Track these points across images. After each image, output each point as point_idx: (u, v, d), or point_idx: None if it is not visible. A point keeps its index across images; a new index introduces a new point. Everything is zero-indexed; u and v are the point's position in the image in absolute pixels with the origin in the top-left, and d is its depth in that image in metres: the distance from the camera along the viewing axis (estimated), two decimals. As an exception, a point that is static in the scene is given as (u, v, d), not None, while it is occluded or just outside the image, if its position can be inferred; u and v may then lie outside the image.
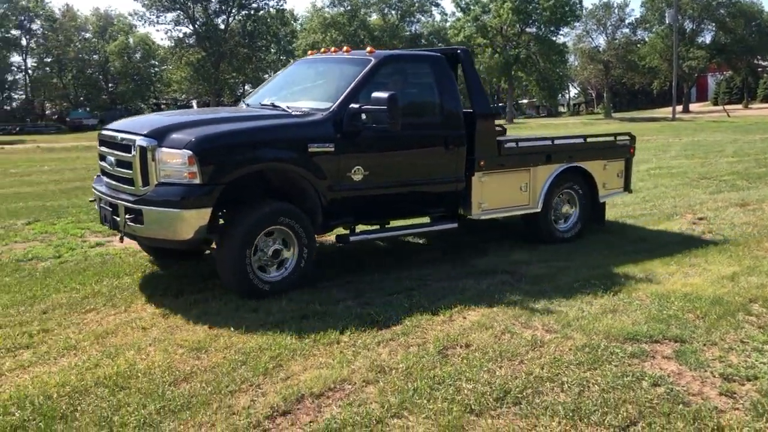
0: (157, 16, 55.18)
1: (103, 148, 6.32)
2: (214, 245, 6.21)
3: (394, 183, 6.57)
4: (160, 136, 5.64)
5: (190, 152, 5.40)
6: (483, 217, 7.20)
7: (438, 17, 76.10)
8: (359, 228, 6.86)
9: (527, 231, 7.84)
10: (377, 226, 6.92)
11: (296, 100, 6.80)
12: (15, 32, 62.99)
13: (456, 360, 4.43)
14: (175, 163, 5.47)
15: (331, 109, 6.17)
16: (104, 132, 6.42)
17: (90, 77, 71.36)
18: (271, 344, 4.68)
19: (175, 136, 5.61)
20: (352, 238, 6.51)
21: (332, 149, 6.04)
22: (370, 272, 6.56)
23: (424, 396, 3.90)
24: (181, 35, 56.26)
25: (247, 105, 7.35)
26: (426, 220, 7.43)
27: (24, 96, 70.51)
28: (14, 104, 70.79)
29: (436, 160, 6.79)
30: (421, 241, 8.13)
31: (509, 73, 55.28)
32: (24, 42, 65.79)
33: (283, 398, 3.88)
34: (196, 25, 53.66)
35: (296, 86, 7.52)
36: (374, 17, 66.06)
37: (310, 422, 3.65)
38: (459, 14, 57.66)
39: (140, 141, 5.68)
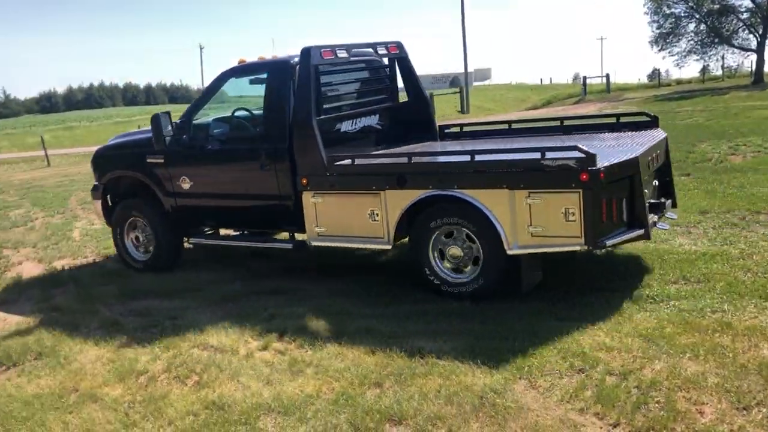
0: None
1: None
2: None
3: (217, 194, 6.89)
4: None
5: None
6: (324, 245, 6.20)
7: None
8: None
9: None
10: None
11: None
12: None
13: None
14: None
15: (175, 125, 6.84)
16: None
17: None
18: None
19: None
20: (190, 241, 7.37)
21: (165, 160, 6.99)
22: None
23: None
24: None
25: None
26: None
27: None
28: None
29: (254, 174, 6.47)
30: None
31: None
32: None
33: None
34: None
35: None
36: None
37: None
38: None
39: None
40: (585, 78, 42.94)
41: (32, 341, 5.52)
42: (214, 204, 6.97)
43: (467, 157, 5.47)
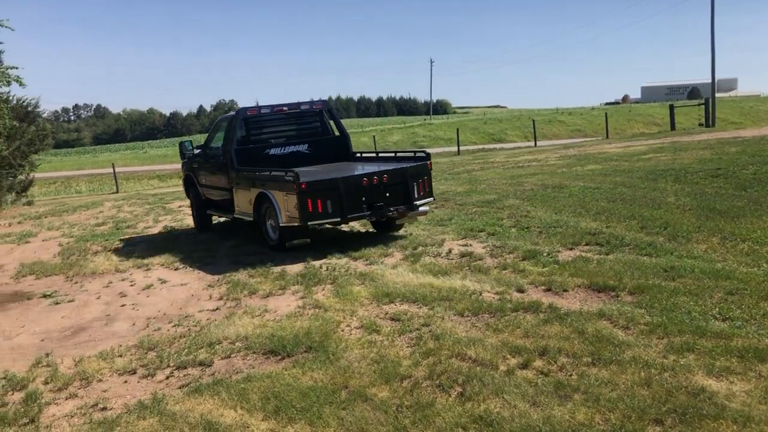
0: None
1: None
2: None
3: (212, 186, 12.05)
4: None
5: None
6: (239, 217, 11.01)
7: None
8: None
9: None
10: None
11: None
12: None
13: None
14: None
15: (198, 146, 13.02)
16: None
17: None
18: None
19: None
20: (207, 212, 12.58)
21: (197, 166, 12.60)
22: None
23: None
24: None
25: None
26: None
27: None
28: None
29: (221, 176, 11.39)
30: None
31: None
32: None
33: None
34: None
35: None
36: None
37: None
38: None
39: None
40: None
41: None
42: (212, 193, 12.04)
43: (268, 172, 9.96)
